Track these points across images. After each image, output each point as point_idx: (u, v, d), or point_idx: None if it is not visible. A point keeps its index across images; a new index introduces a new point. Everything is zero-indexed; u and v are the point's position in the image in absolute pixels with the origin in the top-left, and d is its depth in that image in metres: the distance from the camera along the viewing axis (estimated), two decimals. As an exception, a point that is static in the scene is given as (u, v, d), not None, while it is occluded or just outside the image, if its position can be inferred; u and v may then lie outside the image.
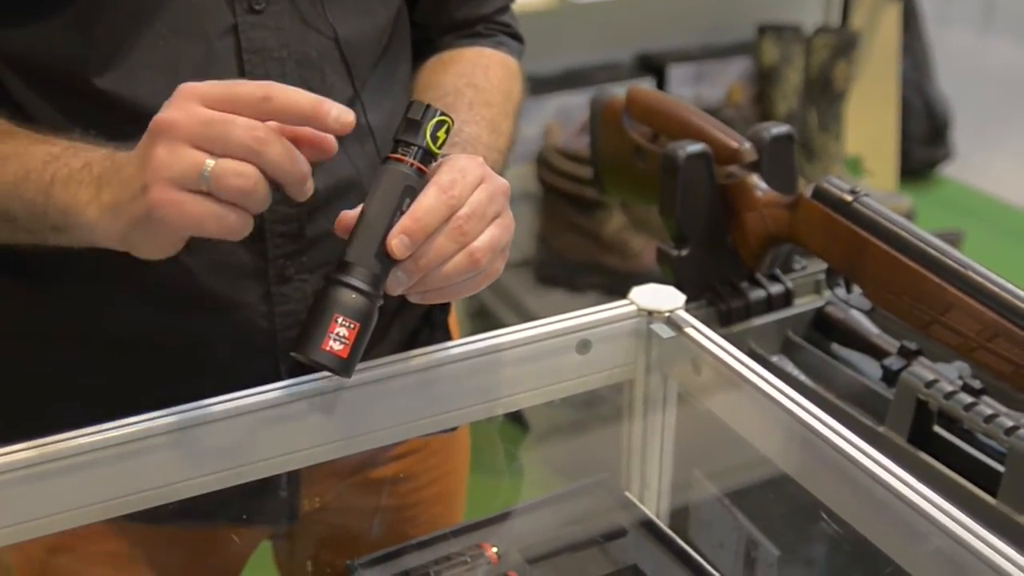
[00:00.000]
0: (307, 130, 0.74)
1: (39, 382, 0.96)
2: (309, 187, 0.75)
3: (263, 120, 0.72)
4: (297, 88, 0.73)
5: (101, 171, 0.76)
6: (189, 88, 0.72)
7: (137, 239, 0.75)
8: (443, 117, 0.78)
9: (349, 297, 0.75)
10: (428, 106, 0.78)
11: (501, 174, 0.91)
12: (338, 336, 0.74)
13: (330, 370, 0.75)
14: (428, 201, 0.76)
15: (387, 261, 0.76)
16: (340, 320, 0.74)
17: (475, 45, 1.04)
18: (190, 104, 0.71)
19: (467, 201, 0.77)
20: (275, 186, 0.73)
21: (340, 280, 0.75)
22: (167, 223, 0.71)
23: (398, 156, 0.77)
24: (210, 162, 0.70)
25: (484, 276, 0.80)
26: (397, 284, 0.77)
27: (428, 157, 0.78)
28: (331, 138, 0.76)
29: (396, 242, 0.75)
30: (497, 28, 1.07)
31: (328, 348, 0.74)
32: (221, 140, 0.70)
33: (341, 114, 0.73)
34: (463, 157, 0.80)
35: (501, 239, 0.80)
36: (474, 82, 0.98)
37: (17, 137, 0.82)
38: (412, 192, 0.76)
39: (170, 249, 0.75)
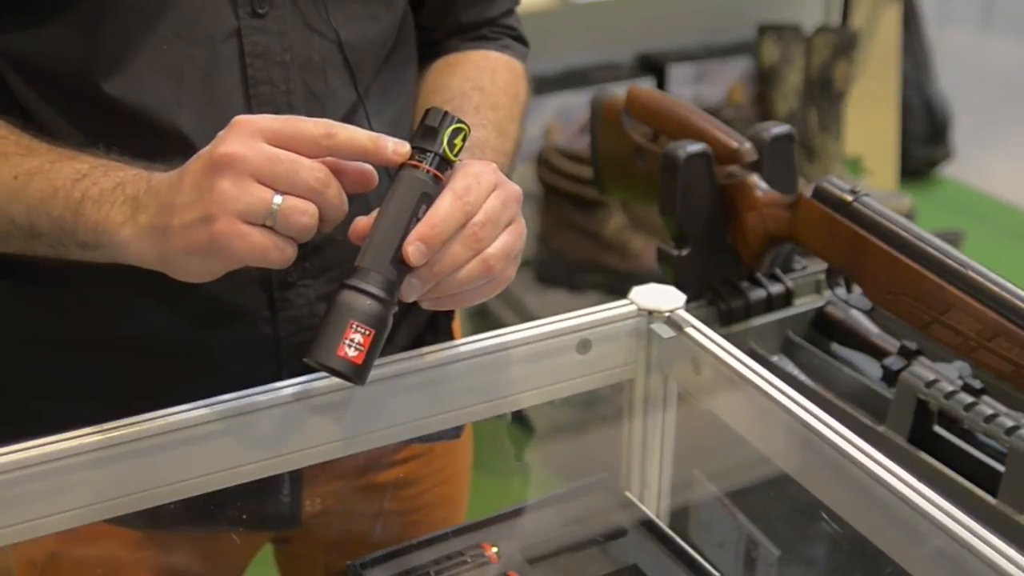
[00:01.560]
0: (353, 165, 0.76)
1: (41, 383, 0.96)
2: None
3: (323, 156, 0.75)
4: (354, 126, 0.75)
5: (136, 192, 0.78)
6: (248, 122, 0.74)
7: (184, 263, 0.76)
8: (460, 125, 0.78)
9: (364, 303, 0.74)
10: (446, 113, 0.78)
11: (509, 171, 0.91)
12: (353, 342, 0.74)
13: (344, 376, 0.74)
14: (444, 208, 0.76)
15: (402, 268, 0.75)
16: (355, 326, 0.73)
17: (480, 48, 1.04)
18: (253, 139, 0.73)
19: (482, 208, 0.77)
20: None
21: (356, 286, 0.74)
22: (232, 254, 0.74)
23: (415, 162, 0.77)
24: (278, 199, 0.73)
25: (496, 283, 0.80)
26: (411, 291, 0.76)
27: (444, 164, 0.78)
28: (375, 173, 0.78)
29: (413, 249, 0.75)
30: (502, 31, 1.07)
31: (343, 354, 0.73)
32: (287, 179, 0.73)
33: (398, 146, 0.76)
34: (477, 163, 0.80)
35: (514, 246, 0.80)
36: (480, 85, 0.98)
37: (40, 153, 0.82)
38: (428, 199, 0.76)
39: (216, 275, 0.77)
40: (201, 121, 0.86)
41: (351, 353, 0.74)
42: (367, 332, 0.74)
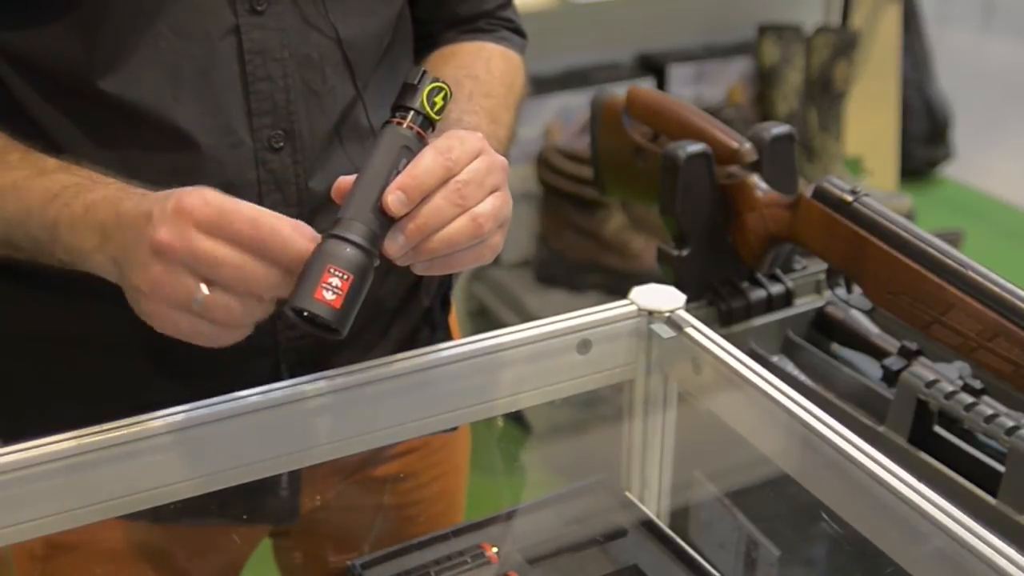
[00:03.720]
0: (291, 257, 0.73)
1: (39, 382, 0.96)
2: None
3: (254, 247, 0.72)
4: (279, 217, 0.73)
5: (105, 219, 0.77)
6: (184, 206, 0.72)
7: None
8: (439, 84, 0.79)
9: (343, 250, 0.73)
10: (425, 71, 0.79)
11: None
12: (331, 286, 0.72)
13: (324, 322, 0.73)
14: (425, 161, 0.76)
15: (383, 219, 0.75)
16: (333, 270, 0.72)
17: (477, 40, 1.05)
18: (186, 228, 0.72)
19: (465, 168, 0.77)
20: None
21: (334, 234, 0.74)
22: (159, 328, 0.75)
23: (396, 120, 0.78)
24: (202, 291, 0.72)
25: (487, 247, 0.80)
26: (396, 246, 0.76)
27: (426, 123, 0.78)
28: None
29: (392, 198, 0.74)
30: (499, 23, 1.07)
31: (320, 297, 0.72)
32: (209, 272, 0.72)
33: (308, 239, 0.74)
34: (462, 130, 0.80)
35: (502, 210, 0.80)
36: (474, 74, 0.98)
37: (13, 165, 0.83)
38: (409, 153, 0.76)
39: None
40: (200, 118, 0.86)
41: (329, 296, 0.72)
42: (345, 276, 0.73)
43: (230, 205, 0.73)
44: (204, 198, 0.73)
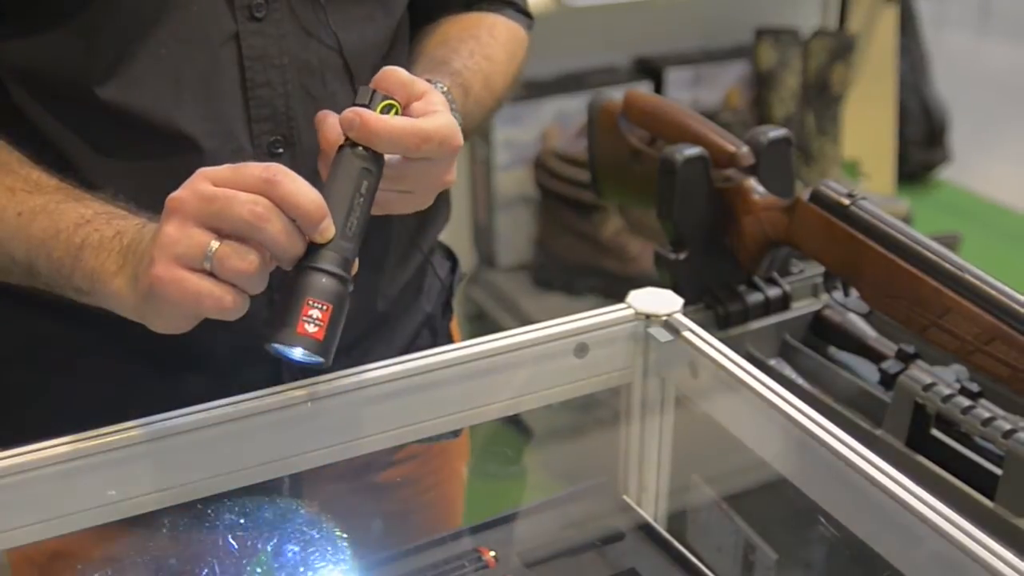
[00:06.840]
0: (310, 212, 0.73)
1: (40, 387, 0.96)
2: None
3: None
4: (302, 181, 0.73)
5: (130, 242, 0.77)
6: (202, 170, 0.73)
7: (147, 312, 0.75)
8: (390, 101, 0.79)
9: (319, 280, 0.73)
10: (374, 91, 0.79)
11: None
12: (312, 318, 0.72)
13: (308, 354, 0.73)
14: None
15: (352, 244, 0.75)
16: (312, 302, 0.72)
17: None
18: (199, 183, 0.72)
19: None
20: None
21: (309, 265, 0.74)
22: (167, 299, 0.72)
23: (351, 141, 0.77)
24: (215, 243, 0.71)
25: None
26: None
27: None
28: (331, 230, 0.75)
29: None
30: (504, 3, 1.08)
31: (303, 331, 0.72)
32: (223, 215, 0.71)
33: (326, 229, 0.74)
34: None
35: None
36: (476, 35, 1.00)
37: (47, 191, 0.82)
38: (368, 174, 0.76)
39: (180, 325, 0.75)
40: (202, 123, 0.87)
41: (311, 329, 0.72)
42: (325, 307, 0.73)
43: (243, 166, 0.73)
44: (225, 166, 0.74)
